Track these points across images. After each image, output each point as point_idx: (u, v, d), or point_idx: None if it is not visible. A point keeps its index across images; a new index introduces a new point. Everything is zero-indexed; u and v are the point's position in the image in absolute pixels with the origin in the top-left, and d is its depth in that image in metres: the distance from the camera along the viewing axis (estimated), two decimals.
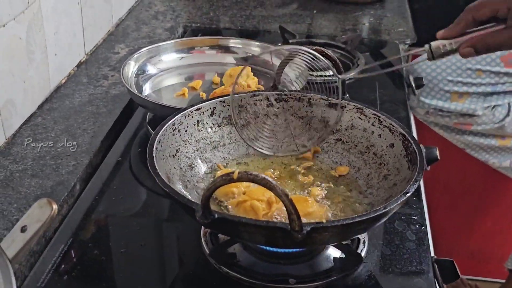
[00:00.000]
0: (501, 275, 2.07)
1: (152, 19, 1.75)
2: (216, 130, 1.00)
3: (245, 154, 1.01)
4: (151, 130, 1.16)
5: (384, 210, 0.76)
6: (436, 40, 0.89)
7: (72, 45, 1.38)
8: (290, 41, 1.59)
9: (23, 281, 0.86)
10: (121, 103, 1.28)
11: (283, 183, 0.95)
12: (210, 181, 0.78)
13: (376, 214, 0.75)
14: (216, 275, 0.87)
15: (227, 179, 0.70)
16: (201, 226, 0.92)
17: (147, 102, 1.15)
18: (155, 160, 0.84)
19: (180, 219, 1.00)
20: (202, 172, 0.96)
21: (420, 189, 1.10)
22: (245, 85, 1.22)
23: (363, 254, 0.90)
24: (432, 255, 0.94)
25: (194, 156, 0.96)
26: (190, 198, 0.82)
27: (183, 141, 0.95)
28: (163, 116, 0.95)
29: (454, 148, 1.85)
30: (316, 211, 0.86)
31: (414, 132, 1.56)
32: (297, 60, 0.98)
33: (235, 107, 0.99)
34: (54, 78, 1.30)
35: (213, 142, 0.99)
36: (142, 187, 1.09)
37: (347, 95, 1.01)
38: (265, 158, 1.00)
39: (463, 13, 0.88)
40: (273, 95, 1.02)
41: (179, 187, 0.88)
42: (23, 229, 0.63)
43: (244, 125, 1.00)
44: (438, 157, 0.93)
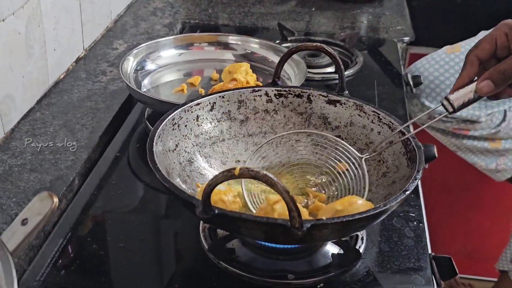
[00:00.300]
0: (497, 275, 2.08)
1: (151, 15, 1.75)
2: (216, 125, 1.00)
3: (244, 150, 1.01)
4: (150, 126, 1.16)
5: (384, 208, 0.76)
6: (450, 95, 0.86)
7: (71, 41, 1.38)
8: (289, 39, 1.60)
9: (22, 275, 0.86)
10: (120, 99, 1.28)
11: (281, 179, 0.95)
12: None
13: (376, 212, 0.75)
14: (215, 271, 0.87)
15: (229, 175, 0.70)
16: (200, 222, 0.92)
17: (146, 98, 1.15)
18: (155, 155, 0.84)
19: (179, 215, 1.00)
20: (201, 167, 0.96)
21: (418, 187, 1.10)
22: (244, 82, 1.22)
23: (362, 251, 0.90)
24: (430, 252, 0.95)
25: (194, 151, 0.96)
26: (190, 194, 0.82)
27: (183, 136, 0.95)
28: (162, 112, 0.95)
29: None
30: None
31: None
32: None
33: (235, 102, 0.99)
34: (53, 73, 1.30)
35: (213, 138, 0.99)
36: (141, 183, 1.09)
37: (347, 92, 1.01)
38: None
39: (466, 59, 0.86)
40: (273, 91, 1.02)
41: (178, 182, 0.88)
42: (24, 222, 0.62)
43: (243, 121, 1.00)
44: (436, 155, 0.94)
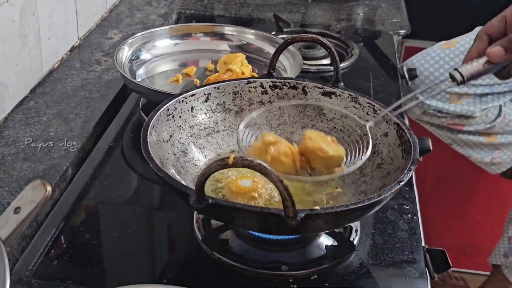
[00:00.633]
0: (490, 269, 2.08)
1: (146, 5, 1.74)
2: (210, 117, 0.99)
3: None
4: (144, 116, 1.15)
5: (378, 198, 0.76)
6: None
7: (66, 30, 1.37)
8: (285, 30, 1.59)
9: (14, 264, 0.85)
10: (114, 89, 1.27)
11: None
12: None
13: (370, 202, 0.75)
14: (208, 261, 0.86)
15: (222, 164, 0.69)
16: (194, 212, 0.92)
17: (141, 88, 1.14)
18: (149, 145, 0.83)
19: (173, 205, 1.00)
20: (196, 158, 0.95)
21: (412, 179, 1.10)
22: (239, 73, 1.22)
23: (356, 243, 0.90)
24: (424, 245, 0.95)
25: (188, 142, 0.96)
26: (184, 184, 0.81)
27: (177, 127, 0.95)
28: (157, 102, 0.95)
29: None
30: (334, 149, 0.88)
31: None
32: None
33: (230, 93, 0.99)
34: (47, 62, 1.29)
35: (207, 129, 0.99)
36: (134, 173, 1.09)
37: (342, 84, 1.01)
38: None
39: (476, 36, 0.87)
40: (268, 82, 1.02)
41: (173, 173, 0.88)
42: (17, 211, 0.62)
43: (238, 112, 1.00)
44: (431, 148, 0.93)
